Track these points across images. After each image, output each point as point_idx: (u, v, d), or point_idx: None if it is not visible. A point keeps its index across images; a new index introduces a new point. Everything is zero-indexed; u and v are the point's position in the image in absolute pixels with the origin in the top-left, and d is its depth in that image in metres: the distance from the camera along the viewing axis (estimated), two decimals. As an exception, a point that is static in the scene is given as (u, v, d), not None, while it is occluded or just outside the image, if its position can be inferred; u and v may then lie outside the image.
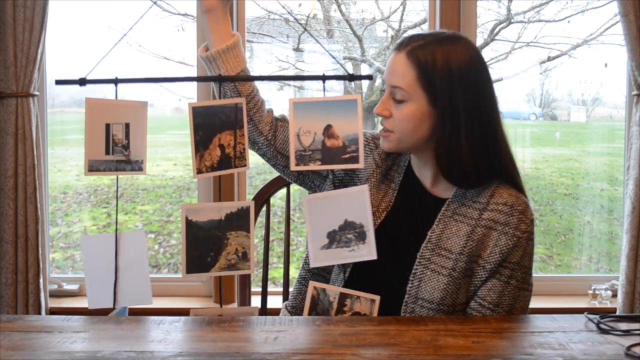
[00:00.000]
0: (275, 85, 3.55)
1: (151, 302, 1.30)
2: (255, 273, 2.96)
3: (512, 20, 3.35)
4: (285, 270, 1.69)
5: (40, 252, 2.29)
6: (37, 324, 1.17)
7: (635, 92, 2.33)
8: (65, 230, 3.62)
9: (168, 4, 3.16)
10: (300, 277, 1.49)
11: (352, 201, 1.27)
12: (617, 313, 2.30)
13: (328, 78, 1.31)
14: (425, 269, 1.30)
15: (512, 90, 3.72)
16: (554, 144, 4.28)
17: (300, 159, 1.28)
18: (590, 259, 3.48)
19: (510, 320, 1.23)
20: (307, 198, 1.28)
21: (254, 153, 1.44)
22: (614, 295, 2.43)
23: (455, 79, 1.26)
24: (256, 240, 3.35)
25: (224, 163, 1.29)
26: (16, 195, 2.26)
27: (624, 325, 1.15)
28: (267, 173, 3.46)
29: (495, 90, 1.33)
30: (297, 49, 3.55)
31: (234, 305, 2.41)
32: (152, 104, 3.88)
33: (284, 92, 3.61)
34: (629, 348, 1.03)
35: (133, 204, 3.97)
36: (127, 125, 1.28)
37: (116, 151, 1.27)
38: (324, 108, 1.28)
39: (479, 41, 3.22)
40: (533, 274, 1.33)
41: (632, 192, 2.30)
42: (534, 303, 1.35)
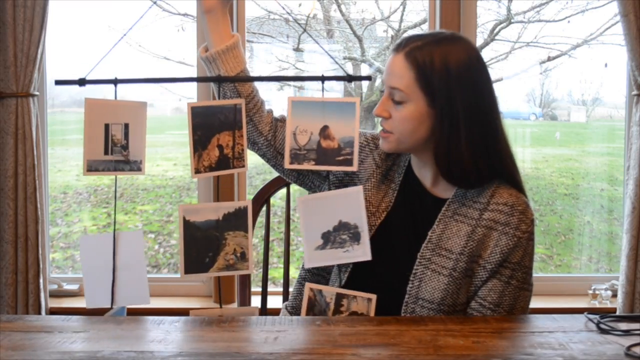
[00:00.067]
0: (275, 85, 3.55)
1: (149, 302, 1.29)
2: (255, 273, 2.96)
3: (512, 20, 3.35)
4: (285, 270, 1.69)
5: (40, 252, 2.29)
6: (37, 324, 1.17)
7: (635, 92, 2.33)
8: (65, 230, 3.62)
9: (168, 4, 3.16)
10: (300, 277, 1.49)
11: (347, 202, 1.27)
12: (617, 313, 2.30)
13: (327, 79, 1.30)
14: (426, 269, 1.30)
15: (512, 90, 3.72)
16: (554, 144, 4.28)
17: (295, 158, 1.28)
18: (590, 259, 3.48)
19: (510, 320, 1.23)
20: (301, 199, 1.28)
21: (254, 153, 1.44)
22: (614, 295, 2.42)
23: (453, 79, 1.25)
24: (256, 240, 3.35)
25: (222, 163, 1.29)
26: (16, 195, 2.26)
27: (624, 325, 1.15)
28: (267, 173, 3.46)
29: (495, 90, 1.33)
30: (297, 49, 3.55)
31: (234, 305, 2.41)
32: (152, 104, 3.87)
33: (284, 92, 3.61)
34: (629, 348, 1.03)
35: (133, 204, 3.97)
36: (126, 126, 1.28)
37: (115, 151, 1.27)
38: (322, 109, 1.27)
39: (479, 41, 3.22)
40: (533, 274, 1.33)
41: (632, 192, 2.30)
42: (534, 303, 1.35)
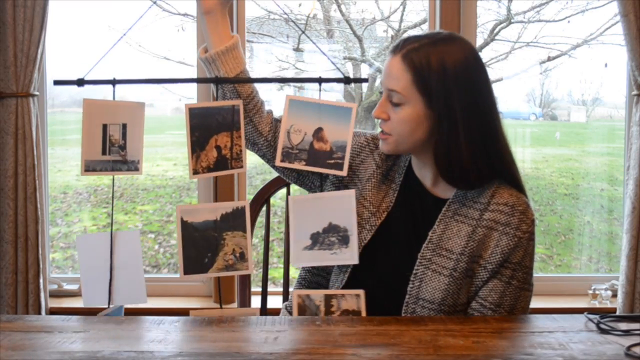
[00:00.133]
0: (275, 85, 3.55)
1: (146, 301, 1.30)
2: (255, 273, 2.96)
3: (512, 20, 3.35)
4: (285, 270, 1.69)
5: (40, 252, 2.29)
6: (37, 324, 1.17)
7: (635, 92, 2.33)
8: (65, 230, 3.62)
9: (168, 4, 3.16)
10: (300, 277, 1.49)
11: (338, 205, 1.28)
12: (617, 313, 2.30)
13: (324, 80, 1.31)
14: (426, 270, 1.30)
15: (512, 90, 3.72)
16: (554, 144, 4.28)
17: (286, 156, 1.29)
18: (590, 259, 3.48)
19: (510, 320, 1.23)
20: (293, 198, 1.29)
21: (254, 153, 1.44)
22: (614, 295, 2.42)
23: (450, 80, 1.25)
24: (256, 240, 3.35)
25: (221, 164, 1.29)
26: (16, 195, 2.26)
27: (624, 325, 1.15)
28: (267, 173, 3.46)
29: (494, 89, 1.32)
30: (297, 49, 3.55)
31: (234, 305, 2.41)
32: (152, 104, 3.87)
33: (284, 92, 3.61)
34: (629, 348, 1.03)
35: (133, 204, 3.97)
36: (124, 126, 1.28)
37: (113, 151, 1.27)
38: (318, 110, 1.28)
39: (479, 41, 3.22)
40: (533, 274, 1.33)
41: (632, 192, 2.30)
42: (534, 303, 1.35)
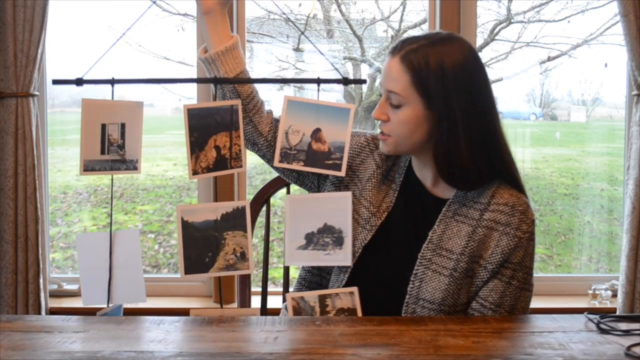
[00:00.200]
0: (275, 86, 3.54)
1: (145, 300, 1.30)
2: (255, 273, 2.96)
3: (512, 20, 3.35)
4: (285, 270, 1.69)
5: (40, 252, 2.29)
6: (37, 324, 1.17)
7: (635, 92, 2.33)
8: (65, 230, 3.62)
9: (168, 4, 3.16)
10: (300, 277, 1.49)
11: (334, 206, 1.28)
12: (617, 313, 2.30)
13: (322, 81, 1.32)
14: (427, 270, 1.30)
15: (512, 90, 3.72)
16: (554, 144, 4.28)
17: (285, 157, 1.29)
18: (590, 259, 3.48)
19: (510, 320, 1.23)
20: (289, 197, 1.30)
21: (254, 153, 1.44)
22: (614, 295, 2.42)
23: (449, 80, 1.25)
24: (256, 240, 3.35)
25: (220, 164, 1.29)
26: (16, 195, 2.26)
27: (624, 325, 1.15)
28: (267, 173, 3.46)
29: (493, 89, 1.32)
30: (297, 49, 3.55)
31: (234, 305, 2.41)
32: (152, 104, 3.87)
33: (284, 92, 3.61)
34: (629, 348, 1.03)
35: (133, 204, 3.97)
36: (122, 125, 1.28)
37: (111, 151, 1.28)
38: (316, 111, 1.28)
39: (479, 41, 3.22)
40: (533, 274, 1.33)
41: (632, 192, 2.30)
42: (534, 303, 1.35)
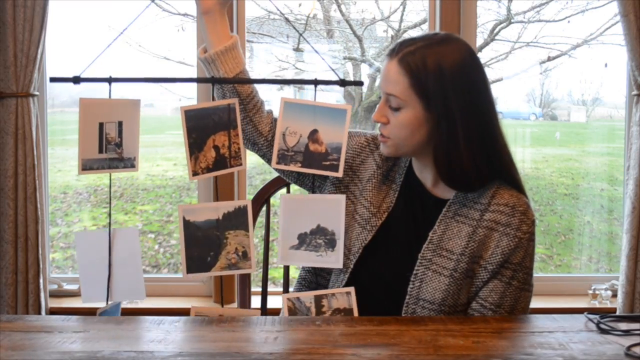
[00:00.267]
0: (275, 86, 3.54)
1: (144, 298, 1.31)
2: (256, 273, 2.96)
3: (512, 20, 3.35)
4: (285, 270, 1.69)
5: (40, 252, 2.29)
6: (37, 324, 1.17)
7: (635, 92, 2.33)
8: (65, 230, 3.62)
9: (168, 4, 3.16)
10: (301, 277, 1.49)
11: (327, 208, 1.29)
12: (617, 313, 2.30)
13: (319, 82, 1.32)
14: (427, 270, 1.30)
15: (512, 90, 3.73)
16: (554, 144, 4.28)
17: (282, 159, 1.30)
18: (590, 259, 3.48)
19: (510, 320, 1.23)
20: (284, 197, 1.30)
21: (254, 153, 1.44)
22: (614, 295, 2.42)
23: (447, 81, 1.25)
24: (256, 240, 3.35)
25: (220, 163, 1.29)
26: (16, 195, 2.26)
27: (624, 325, 1.15)
28: (267, 173, 3.46)
29: (493, 89, 1.32)
30: (297, 49, 3.55)
31: (234, 305, 2.41)
32: (152, 104, 3.87)
33: (284, 92, 3.61)
34: (629, 348, 1.03)
35: (133, 204, 3.97)
36: (120, 124, 1.28)
37: (109, 149, 1.28)
38: (313, 112, 1.29)
39: (479, 41, 3.22)
40: (533, 274, 1.33)
41: (632, 192, 2.30)
42: (534, 303, 1.35)
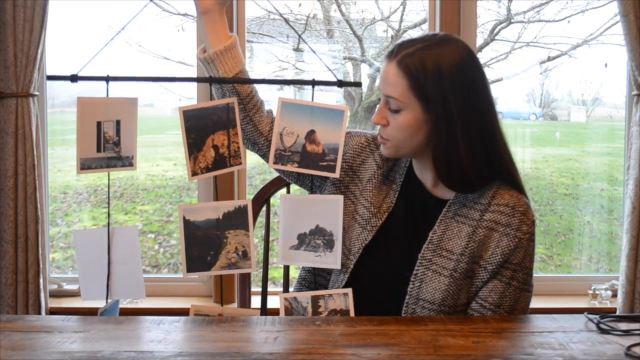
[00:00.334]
0: (274, 86, 3.54)
1: (144, 296, 1.31)
2: (256, 273, 2.96)
3: (512, 20, 3.35)
4: (285, 270, 1.69)
5: (40, 252, 2.29)
6: (37, 324, 1.17)
7: (635, 92, 2.33)
8: (65, 230, 3.62)
9: (168, 4, 3.16)
10: (301, 277, 1.49)
11: (326, 208, 1.29)
12: (617, 313, 2.30)
13: (317, 83, 1.32)
14: (427, 270, 1.30)
15: (512, 90, 3.73)
16: (554, 144, 4.28)
17: (279, 159, 1.30)
18: (590, 259, 3.48)
19: (510, 320, 1.23)
20: (284, 197, 1.31)
21: (254, 153, 1.44)
22: (614, 295, 2.42)
23: (446, 82, 1.24)
24: (256, 240, 3.35)
25: (219, 163, 1.29)
26: (16, 195, 2.25)
27: (624, 325, 1.15)
28: (267, 173, 3.46)
29: (492, 89, 1.32)
30: (297, 49, 3.55)
31: (234, 305, 2.41)
32: (152, 104, 3.87)
33: (284, 92, 3.61)
34: (629, 348, 1.03)
35: (133, 204, 3.97)
36: (117, 122, 1.28)
37: (107, 148, 1.28)
38: (311, 113, 1.29)
39: (479, 41, 3.22)
40: (533, 274, 1.33)
41: (632, 192, 2.30)
42: (534, 303, 1.35)
